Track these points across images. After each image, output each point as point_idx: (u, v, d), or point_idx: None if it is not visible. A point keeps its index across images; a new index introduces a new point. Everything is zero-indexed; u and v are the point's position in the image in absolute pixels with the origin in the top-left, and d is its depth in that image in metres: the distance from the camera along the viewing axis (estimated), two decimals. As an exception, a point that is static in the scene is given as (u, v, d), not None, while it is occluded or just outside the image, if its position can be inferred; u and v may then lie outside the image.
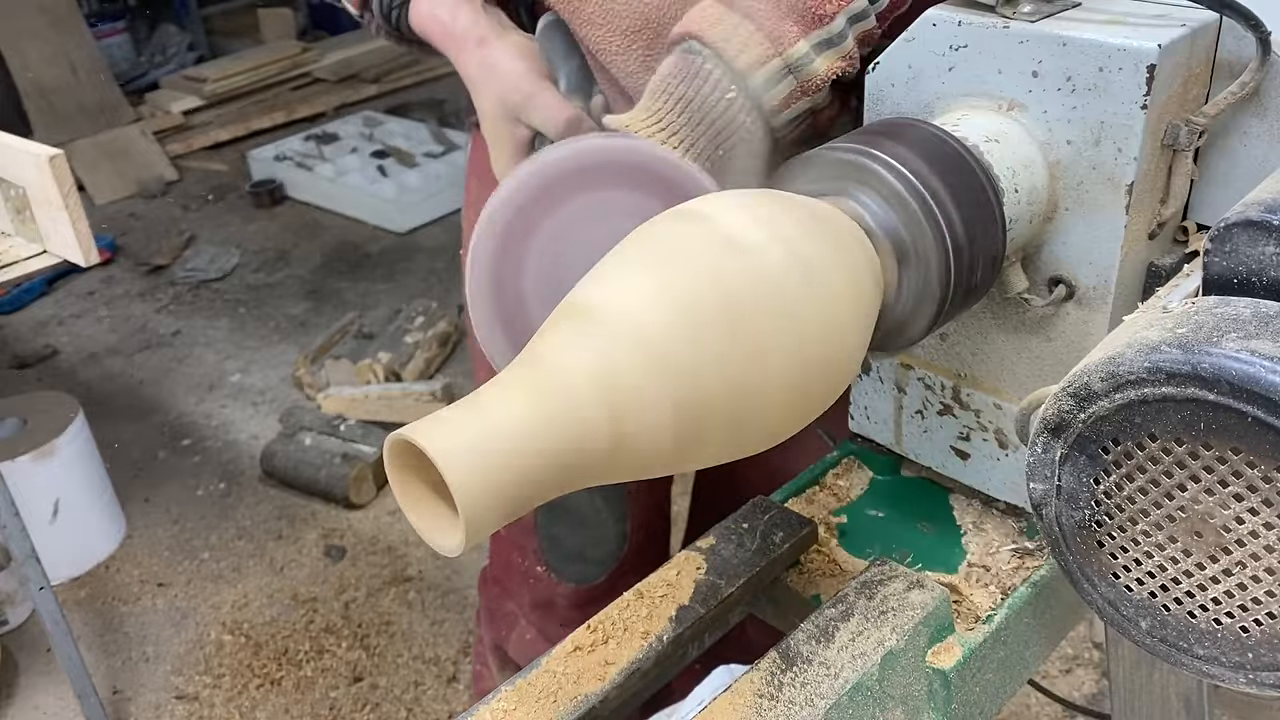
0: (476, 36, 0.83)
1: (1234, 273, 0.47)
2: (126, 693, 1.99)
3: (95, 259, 1.44)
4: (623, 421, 0.44)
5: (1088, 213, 0.61)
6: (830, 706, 0.56)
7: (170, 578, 2.23)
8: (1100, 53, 0.57)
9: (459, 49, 0.84)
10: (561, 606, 1.18)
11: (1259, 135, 0.63)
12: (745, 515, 0.71)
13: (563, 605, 1.18)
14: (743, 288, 0.47)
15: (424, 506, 0.43)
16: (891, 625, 0.60)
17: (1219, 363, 0.41)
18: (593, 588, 1.17)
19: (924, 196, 0.54)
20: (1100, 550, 0.48)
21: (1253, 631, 0.45)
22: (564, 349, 0.45)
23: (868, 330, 0.53)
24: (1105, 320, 0.62)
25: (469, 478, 0.40)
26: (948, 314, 0.58)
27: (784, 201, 0.53)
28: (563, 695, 0.59)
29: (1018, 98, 0.61)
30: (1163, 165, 0.61)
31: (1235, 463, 0.42)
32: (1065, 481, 0.47)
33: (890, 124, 0.60)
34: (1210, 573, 0.45)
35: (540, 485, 0.43)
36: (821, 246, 0.51)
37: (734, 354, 0.46)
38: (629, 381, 0.44)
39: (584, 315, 0.46)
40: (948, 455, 0.74)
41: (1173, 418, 0.43)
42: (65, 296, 3.34)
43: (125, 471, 2.50)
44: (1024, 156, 0.61)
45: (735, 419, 0.47)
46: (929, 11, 0.63)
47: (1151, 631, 0.48)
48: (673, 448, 0.46)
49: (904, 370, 0.73)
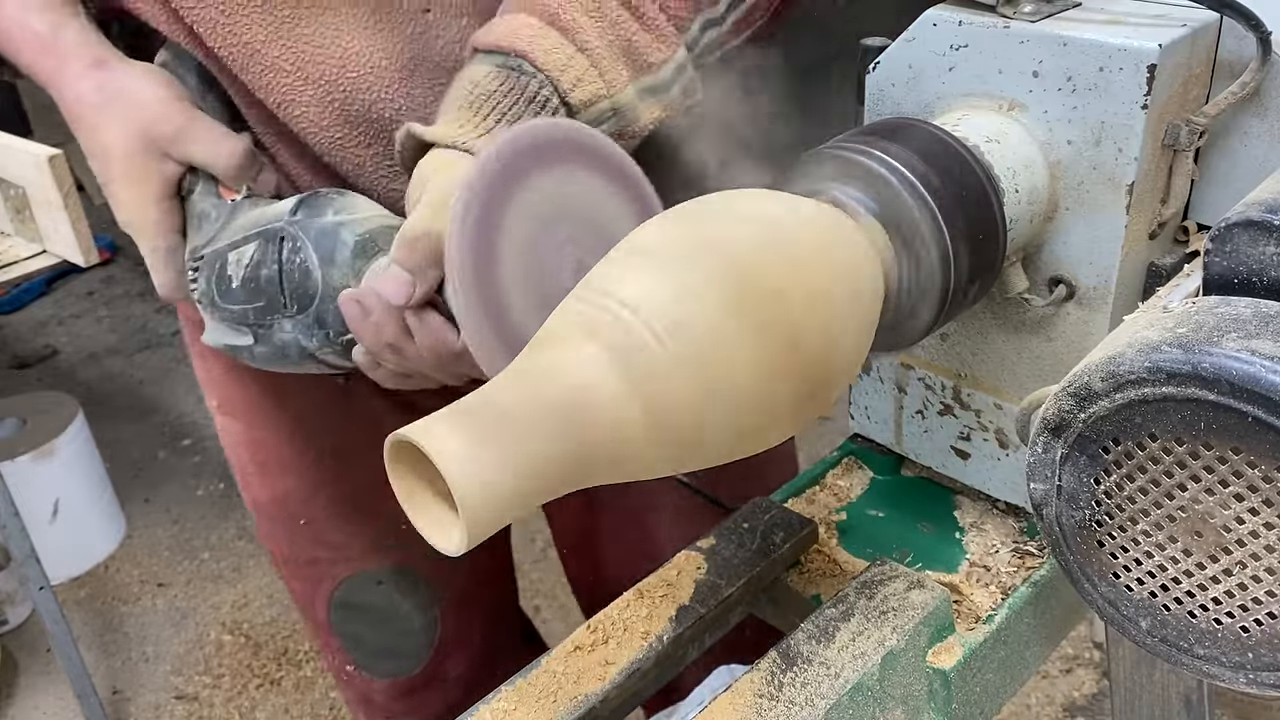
0: (92, 57, 0.71)
1: (1234, 273, 0.47)
2: (126, 693, 1.99)
3: (95, 259, 1.44)
4: (633, 415, 0.44)
5: (1088, 213, 0.61)
6: (830, 706, 0.56)
7: (170, 578, 2.24)
8: (1101, 53, 0.57)
9: (61, 68, 0.71)
10: (380, 701, 1.10)
11: (1259, 135, 0.63)
12: (745, 515, 0.71)
13: (381, 700, 1.10)
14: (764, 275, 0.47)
15: (426, 506, 0.43)
16: (892, 625, 0.60)
17: (1219, 362, 0.41)
18: (410, 679, 1.08)
19: (924, 196, 0.54)
20: (1100, 550, 0.48)
21: (1253, 631, 0.45)
22: (567, 346, 0.45)
23: (869, 330, 0.53)
24: (1105, 320, 0.62)
25: (469, 477, 0.40)
26: (948, 314, 0.58)
27: (783, 200, 0.53)
28: (562, 695, 0.59)
29: (1018, 98, 0.61)
30: (1163, 165, 0.61)
31: (1235, 463, 0.42)
32: (1065, 481, 0.47)
33: (890, 124, 0.60)
34: (1210, 573, 0.45)
35: (545, 482, 0.43)
36: (820, 245, 0.51)
37: (740, 355, 0.46)
38: (637, 376, 0.44)
39: (592, 310, 0.46)
40: (948, 455, 0.74)
41: (1173, 418, 0.43)
42: (65, 296, 3.35)
43: (125, 471, 2.50)
44: (1024, 156, 0.61)
45: (747, 418, 0.47)
46: (929, 11, 0.63)
47: (1151, 631, 0.48)
48: (677, 447, 0.46)
49: (904, 370, 0.73)
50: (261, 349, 0.71)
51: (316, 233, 0.68)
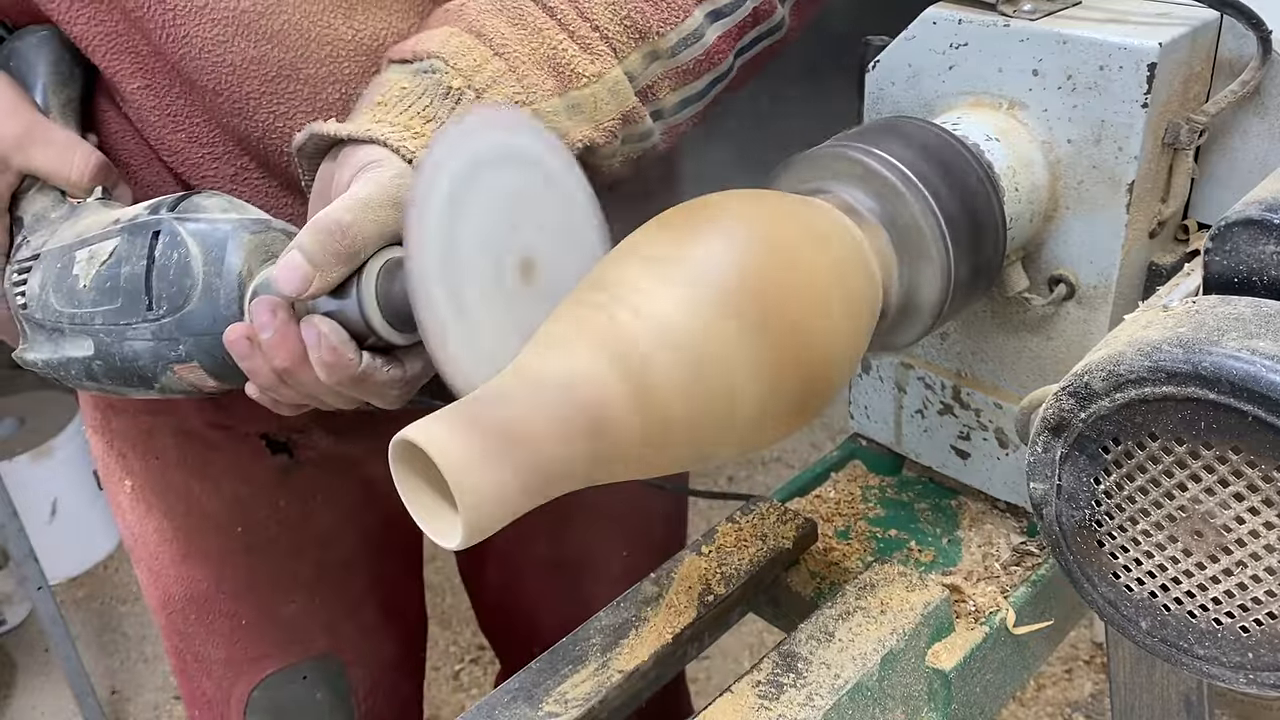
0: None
1: (1234, 271, 0.47)
2: (125, 693, 1.99)
3: (94, 258, 1.44)
4: (632, 416, 0.44)
5: (1088, 211, 0.61)
6: (830, 707, 0.56)
7: (169, 577, 2.23)
8: (1101, 51, 0.57)
9: None
10: None
11: (1260, 134, 0.63)
12: (745, 515, 0.70)
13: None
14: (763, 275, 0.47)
15: (429, 504, 0.43)
16: (891, 625, 0.60)
17: (1219, 362, 0.41)
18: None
19: (924, 195, 0.54)
20: (1100, 550, 0.48)
21: (1253, 631, 0.45)
22: (566, 346, 0.45)
23: (868, 330, 0.53)
24: (1105, 319, 0.62)
25: (468, 476, 0.40)
26: (948, 313, 0.58)
27: (782, 200, 0.53)
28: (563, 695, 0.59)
29: (1018, 96, 0.61)
30: (1163, 164, 0.61)
31: (1236, 462, 0.42)
32: (1065, 481, 0.47)
33: (890, 122, 0.60)
34: (1210, 572, 0.45)
35: (545, 481, 0.43)
36: (820, 244, 0.51)
37: (741, 354, 0.46)
38: (636, 376, 0.44)
39: (594, 309, 0.46)
40: (948, 455, 0.74)
41: (1173, 417, 0.43)
42: (64, 296, 3.34)
43: (124, 471, 2.49)
44: (1024, 155, 0.60)
45: (745, 418, 0.47)
46: (929, 10, 0.63)
47: (1151, 631, 0.48)
48: (675, 448, 0.46)
49: (904, 370, 0.73)
50: (101, 363, 0.63)
51: (202, 230, 0.61)
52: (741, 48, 0.69)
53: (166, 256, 0.61)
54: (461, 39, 0.60)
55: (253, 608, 0.92)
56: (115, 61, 0.68)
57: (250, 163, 0.71)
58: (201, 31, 0.64)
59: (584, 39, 0.62)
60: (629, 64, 0.64)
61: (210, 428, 0.85)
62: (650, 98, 0.66)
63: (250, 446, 0.87)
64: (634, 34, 0.64)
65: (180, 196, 0.64)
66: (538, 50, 0.61)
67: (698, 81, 0.68)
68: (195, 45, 0.65)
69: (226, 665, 0.94)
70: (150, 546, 0.91)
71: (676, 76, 0.67)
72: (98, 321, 0.63)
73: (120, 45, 0.67)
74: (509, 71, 0.60)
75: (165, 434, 0.86)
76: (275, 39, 0.65)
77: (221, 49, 0.65)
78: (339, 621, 0.96)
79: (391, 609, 1.01)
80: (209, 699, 0.96)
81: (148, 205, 0.64)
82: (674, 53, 0.65)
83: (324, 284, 0.55)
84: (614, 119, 0.64)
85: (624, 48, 0.64)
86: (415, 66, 0.60)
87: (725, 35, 0.67)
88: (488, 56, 0.60)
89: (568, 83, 0.62)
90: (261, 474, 0.88)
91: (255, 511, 0.89)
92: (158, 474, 0.88)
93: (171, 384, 0.63)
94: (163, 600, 0.93)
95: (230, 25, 0.64)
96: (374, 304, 0.56)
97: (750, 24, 0.68)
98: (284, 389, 0.59)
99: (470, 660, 2.02)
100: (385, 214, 0.55)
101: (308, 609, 0.93)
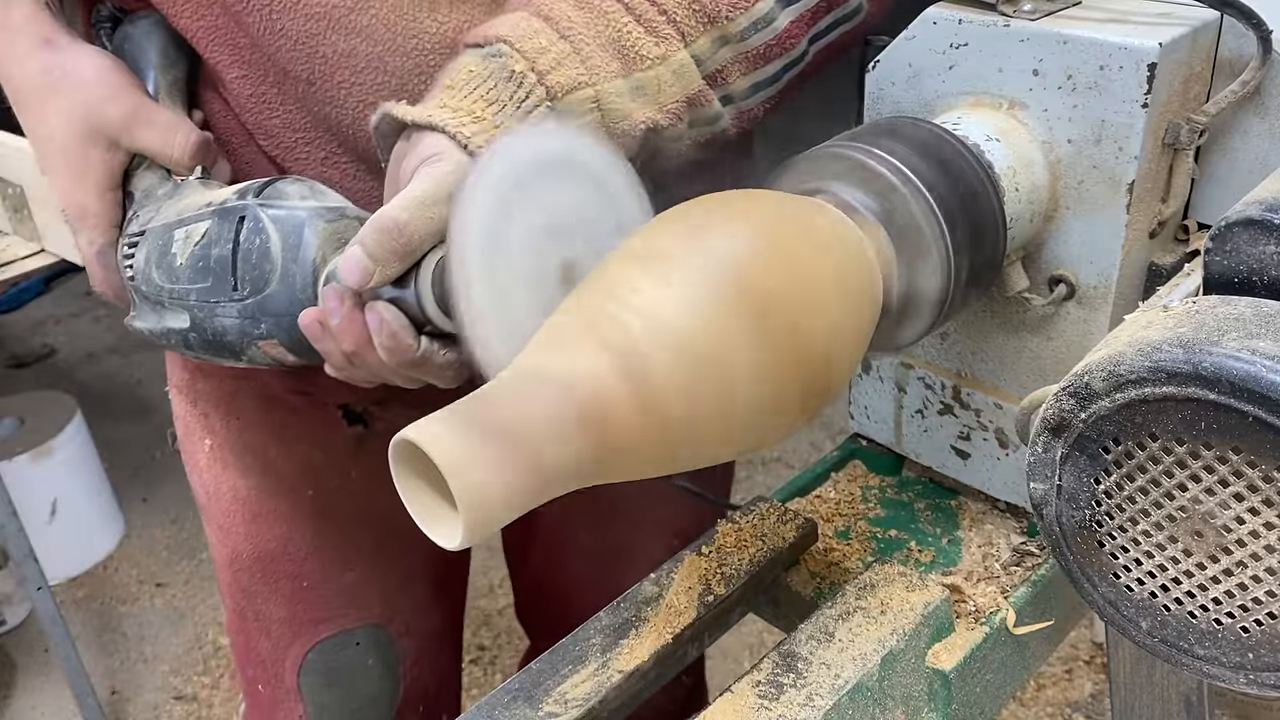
0: (40, 36, 0.69)
1: (1235, 272, 0.47)
2: (125, 693, 1.99)
3: (93, 258, 1.44)
4: (633, 416, 0.44)
5: (1088, 211, 0.61)
6: (830, 707, 0.56)
7: (168, 577, 2.23)
8: (1101, 51, 0.57)
9: (8, 47, 0.69)
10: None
11: (1260, 134, 0.63)
12: (745, 515, 0.70)
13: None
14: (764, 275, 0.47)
15: (429, 504, 0.43)
16: (891, 625, 0.60)
17: (1220, 362, 0.41)
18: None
19: (924, 195, 0.54)
20: (1100, 550, 0.48)
21: (1253, 632, 0.44)
22: (567, 346, 0.45)
23: (868, 330, 0.53)
24: (1106, 319, 0.62)
25: (468, 476, 0.40)
26: (948, 313, 0.58)
27: (782, 200, 0.53)
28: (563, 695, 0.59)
29: (1018, 96, 0.61)
30: (1163, 164, 0.61)
31: (1236, 463, 0.42)
32: (1066, 481, 0.47)
33: (890, 122, 0.60)
34: (1211, 573, 0.45)
35: (545, 481, 0.43)
36: (820, 244, 0.50)
37: (743, 356, 0.46)
38: (637, 376, 0.44)
39: (591, 310, 0.46)
40: (948, 455, 0.73)
41: (1173, 417, 0.43)
42: (63, 296, 3.34)
43: (123, 471, 2.50)
44: (1024, 155, 0.60)
45: (746, 418, 0.47)
46: (929, 10, 0.63)
47: (1152, 631, 0.48)
48: (676, 447, 0.46)
49: (904, 370, 0.73)
50: (196, 335, 0.68)
51: (282, 216, 0.64)
52: (816, 34, 0.70)
53: (250, 241, 0.65)
54: (530, 23, 0.63)
55: (316, 571, 0.95)
56: (216, 52, 0.72)
57: (339, 148, 0.74)
58: (295, 25, 0.68)
59: (650, 22, 0.64)
60: (697, 48, 0.65)
61: (291, 393, 0.89)
62: (720, 82, 0.67)
63: (328, 415, 0.91)
64: (702, 18, 0.65)
65: (266, 182, 0.67)
66: (603, 33, 0.63)
67: (769, 66, 0.68)
68: (290, 38, 0.69)
69: (286, 625, 0.97)
70: (224, 504, 0.94)
71: (747, 61, 0.67)
72: (191, 298, 0.67)
73: (220, 38, 0.71)
74: (573, 54, 0.62)
75: (248, 397, 0.90)
76: (364, 33, 0.68)
77: (314, 42, 0.68)
78: (393, 593, 0.99)
79: (441, 585, 1.05)
80: (264, 658, 0.99)
81: (237, 190, 0.68)
82: (743, 37, 0.66)
83: (383, 277, 0.58)
84: (678, 101, 0.65)
85: (692, 31, 0.65)
86: (485, 50, 0.63)
87: (798, 20, 0.67)
88: (553, 39, 0.62)
89: (632, 65, 0.63)
90: (336, 442, 0.91)
91: (327, 478, 0.92)
92: (237, 434, 0.92)
93: (257, 357, 0.67)
94: (230, 557, 0.96)
95: (322, 20, 0.68)
96: (429, 293, 0.58)
97: (825, 9, 0.69)
98: (353, 369, 0.62)
99: (470, 660, 2.02)
100: (440, 210, 0.57)
101: (367, 578, 0.96)
